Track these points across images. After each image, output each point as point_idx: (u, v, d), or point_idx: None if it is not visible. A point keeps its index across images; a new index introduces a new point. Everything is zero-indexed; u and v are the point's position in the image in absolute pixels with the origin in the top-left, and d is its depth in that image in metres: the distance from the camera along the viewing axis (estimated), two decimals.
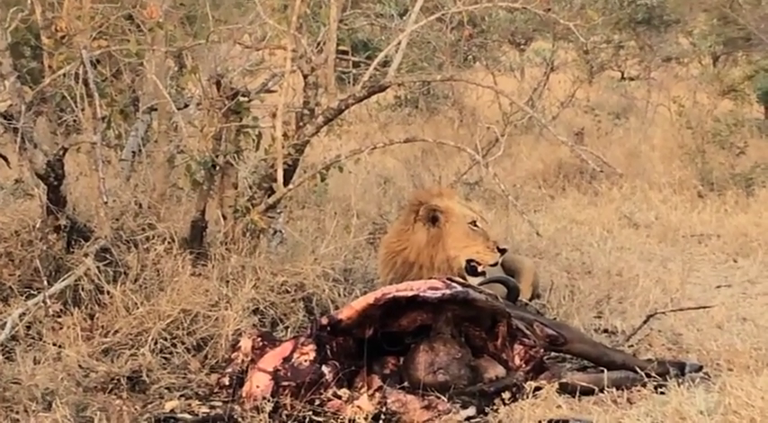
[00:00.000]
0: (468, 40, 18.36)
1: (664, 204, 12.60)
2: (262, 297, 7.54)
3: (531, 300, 8.27)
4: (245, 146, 8.27)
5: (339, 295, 7.97)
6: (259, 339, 6.59)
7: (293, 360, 6.24)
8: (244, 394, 6.26)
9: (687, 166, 13.90)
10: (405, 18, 9.06)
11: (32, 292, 7.48)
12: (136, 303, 7.26)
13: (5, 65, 8.06)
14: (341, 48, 8.45)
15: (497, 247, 7.76)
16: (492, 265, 7.77)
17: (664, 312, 8.01)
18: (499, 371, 6.62)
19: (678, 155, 14.65)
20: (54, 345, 6.97)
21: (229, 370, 6.62)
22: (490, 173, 8.18)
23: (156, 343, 7.01)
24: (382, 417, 5.98)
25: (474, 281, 7.50)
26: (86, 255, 7.46)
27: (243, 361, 6.54)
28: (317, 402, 6.06)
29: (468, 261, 7.73)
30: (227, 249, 7.86)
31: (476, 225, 7.78)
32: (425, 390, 6.28)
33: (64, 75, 7.94)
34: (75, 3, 8.16)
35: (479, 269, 7.72)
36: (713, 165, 13.60)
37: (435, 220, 7.79)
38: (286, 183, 7.99)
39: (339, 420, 5.93)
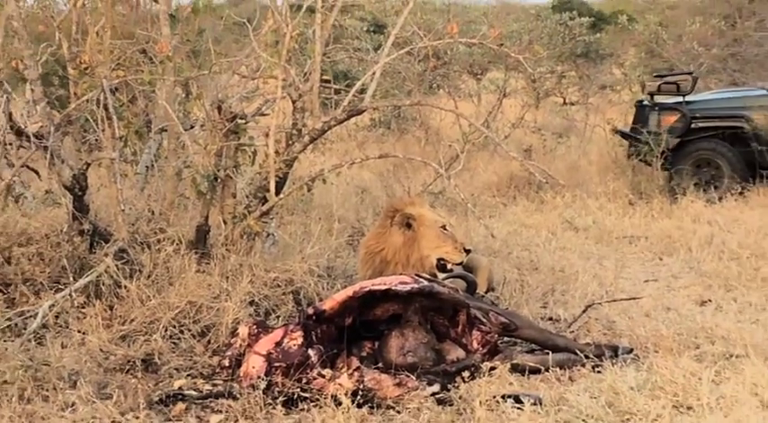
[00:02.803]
0: (433, 71, 18.40)
1: (600, 211, 12.62)
2: (257, 291, 7.54)
3: (486, 292, 8.28)
4: (243, 161, 8.27)
5: (323, 289, 7.96)
6: (254, 327, 6.58)
7: (284, 344, 6.23)
8: (241, 374, 6.25)
9: (619, 178, 13.95)
10: (378, 52, 9.07)
11: (60, 286, 7.47)
12: (149, 296, 7.25)
13: (37, 92, 8.06)
14: (324, 77, 8.44)
15: (464, 248, 7.79)
16: (457, 264, 7.78)
17: (600, 303, 8.02)
18: (460, 353, 6.63)
19: (612, 168, 14.70)
20: (79, 332, 6.97)
21: (229, 353, 6.61)
22: (452, 184, 8.18)
23: (166, 330, 7.00)
24: (360, 393, 5.97)
25: (439, 276, 7.52)
26: (106, 255, 7.46)
27: (241, 345, 6.53)
28: (304, 381, 6.05)
29: (439, 259, 7.74)
30: (227, 250, 7.85)
31: (445, 229, 7.81)
32: (397, 370, 6.29)
33: (87, 100, 7.95)
34: (97, 39, 8.18)
35: (448, 267, 7.74)
36: (641, 177, 13.64)
37: (410, 226, 7.80)
38: (277, 193, 8.00)
39: (323, 396, 5.92)
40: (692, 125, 13.62)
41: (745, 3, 25.32)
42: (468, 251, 7.83)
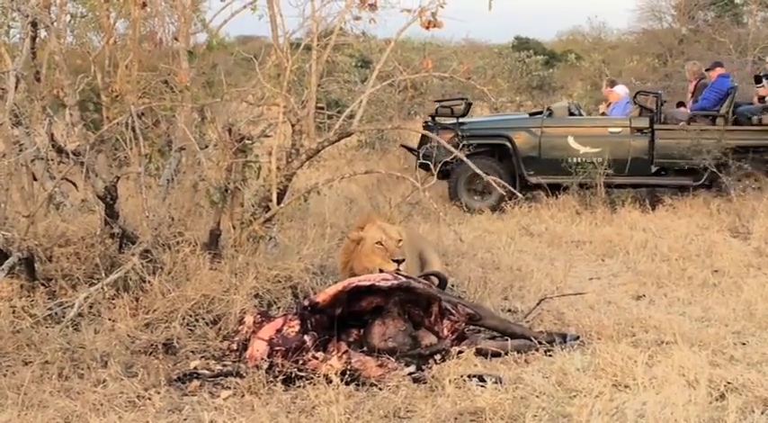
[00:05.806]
0: (411, 100, 18.43)
1: (551, 219, 12.62)
2: (261, 285, 7.53)
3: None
4: (249, 176, 8.26)
5: (317, 284, 7.96)
6: (258, 316, 6.59)
7: (283, 331, 6.24)
8: (247, 356, 6.25)
9: (567, 192, 13.94)
10: (365, 83, 9.08)
11: (94, 281, 7.45)
12: (169, 290, 7.24)
13: (75, 116, 8.07)
14: (319, 105, 8.46)
15: (393, 260, 7.67)
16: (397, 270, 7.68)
17: (551, 297, 8.03)
18: (432, 339, 6.63)
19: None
20: (109, 320, 6.97)
21: (237, 338, 6.61)
22: (426, 196, 8.20)
23: (183, 319, 7.00)
24: (348, 372, 5.98)
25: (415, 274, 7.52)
26: (133, 254, 7.44)
27: (246, 332, 6.53)
28: (301, 362, 6.05)
29: (379, 269, 7.67)
30: (235, 251, 7.85)
31: (381, 244, 7.71)
32: (379, 353, 6.29)
33: (117, 123, 7.95)
34: (126, 71, 8.19)
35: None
36: (587, 192, 13.61)
37: (356, 244, 7.81)
38: (279, 202, 8.01)
39: (316, 375, 5.93)
40: (464, 143, 13.83)
41: (674, 44, 25.55)
42: (398, 261, 7.72)
